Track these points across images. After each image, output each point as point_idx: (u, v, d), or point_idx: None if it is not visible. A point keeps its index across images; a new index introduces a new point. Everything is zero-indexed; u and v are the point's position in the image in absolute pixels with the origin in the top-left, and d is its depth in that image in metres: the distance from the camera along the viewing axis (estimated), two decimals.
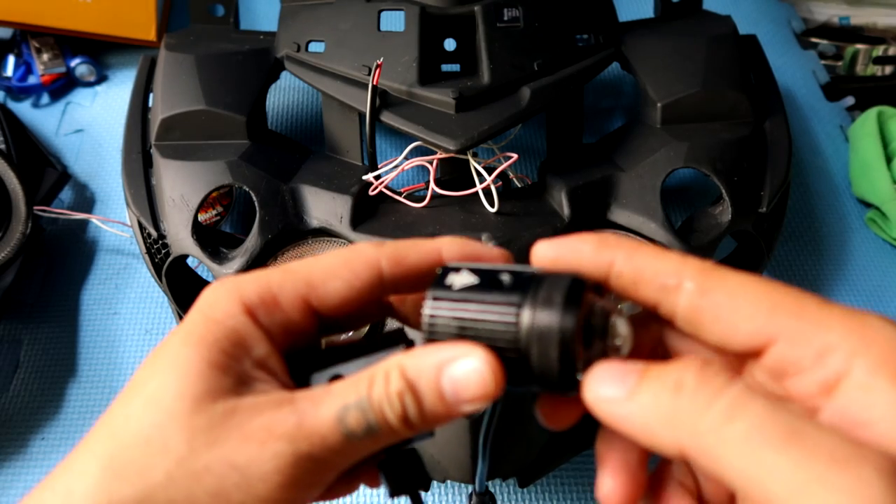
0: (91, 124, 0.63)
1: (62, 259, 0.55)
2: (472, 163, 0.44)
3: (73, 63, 0.64)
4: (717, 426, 0.17)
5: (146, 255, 0.46)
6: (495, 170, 0.44)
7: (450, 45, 0.49)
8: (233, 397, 0.21)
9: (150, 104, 0.52)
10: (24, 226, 0.48)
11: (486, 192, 0.44)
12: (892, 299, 0.54)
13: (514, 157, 0.44)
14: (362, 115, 0.46)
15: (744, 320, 0.20)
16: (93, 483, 0.20)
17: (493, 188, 0.43)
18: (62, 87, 0.65)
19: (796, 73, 0.67)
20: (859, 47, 0.71)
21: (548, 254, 0.22)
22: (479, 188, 0.43)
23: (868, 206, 0.59)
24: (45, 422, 0.48)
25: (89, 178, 0.60)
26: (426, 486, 0.25)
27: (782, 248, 0.56)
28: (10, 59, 0.64)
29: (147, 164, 0.48)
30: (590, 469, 0.46)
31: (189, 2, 0.54)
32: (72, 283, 0.54)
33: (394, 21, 0.47)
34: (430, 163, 0.45)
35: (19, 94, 0.64)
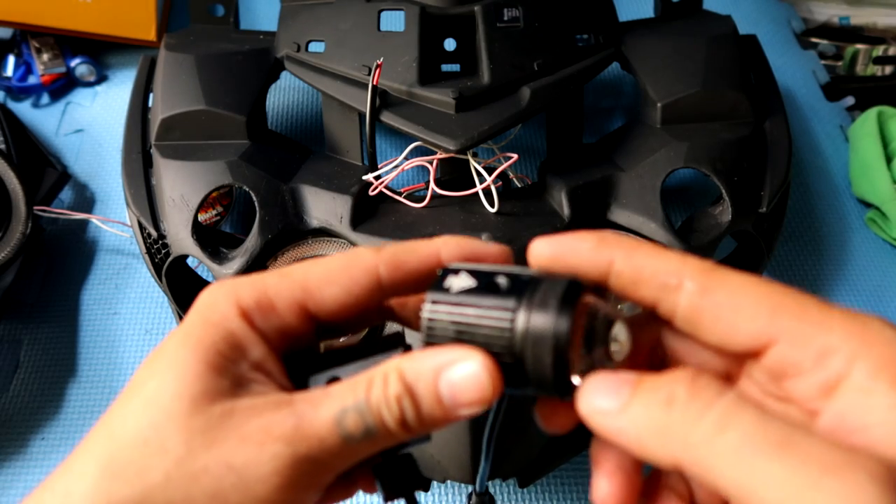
0: (91, 124, 0.63)
1: (62, 259, 0.55)
2: (472, 163, 0.44)
3: (73, 63, 0.64)
4: (708, 438, 0.17)
5: (146, 255, 0.46)
6: (495, 170, 0.44)
7: (450, 45, 0.49)
8: (230, 398, 0.21)
9: (150, 104, 0.52)
10: (24, 226, 0.48)
11: (486, 192, 0.44)
12: (892, 299, 0.54)
13: (514, 157, 0.44)
14: (362, 115, 0.46)
15: (745, 320, 0.20)
16: (91, 484, 0.20)
17: (493, 188, 0.43)
18: (62, 87, 0.65)
19: (796, 73, 0.67)
20: (859, 47, 0.71)
21: (545, 251, 0.22)
22: (479, 188, 0.43)
23: (868, 206, 0.59)
24: (45, 422, 0.48)
25: (89, 178, 0.60)
26: (426, 487, 0.25)
27: (782, 248, 0.56)
28: (10, 59, 0.64)
29: (147, 164, 0.48)
30: (589, 469, 0.45)
31: (189, 2, 0.54)
32: (72, 283, 0.54)
33: (394, 21, 0.47)
34: (430, 163, 0.45)
35: (19, 94, 0.64)
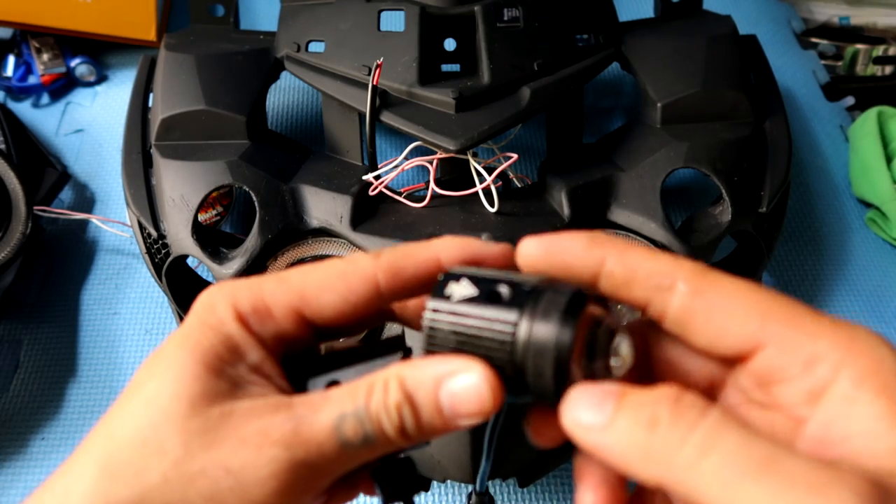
0: (91, 124, 0.63)
1: (62, 259, 0.55)
2: (472, 163, 0.44)
3: (73, 63, 0.64)
4: (693, 461, 0.17)
5: (146, 255, 0.46)
6: (495, 170, 0.44)
7: (450, 45, 0.49)
8: (228, 400, 0.21)
9: (150, 104, 0.52)
10: (24, 226, 0.48)
11: (486, 192, 0.44)
12: (892, 299, 0.54)
13: (514, 157, 0.44)
14: (362, 115, 0.46)
15: (736, 324, 0.20)
16: (90, 484, 0.20)
17: (493, 188, 0.43)
18: (62, 87, 0.65)
19: (796, 73, 0.67)
20: (859, 47, 0.71)
21: (535, 251, 0.22)
22: (479, 188, 0.43)
23: (868, 206, 0.59)
24: (45, 422, 0.48)
25: (89, 178, 0.60)
26: (426, 487, 0.25)
27: (782, 248, 0.56)
28: (10, 59, 0.64)
29: (147, 164, 0.48)
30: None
31: (189, 2, 0.54)
32: (72, 283, 0.54)
33: (394, 21, 0.47)
34: (430, 163, 0.45)
35: (19, 94, 0.64)
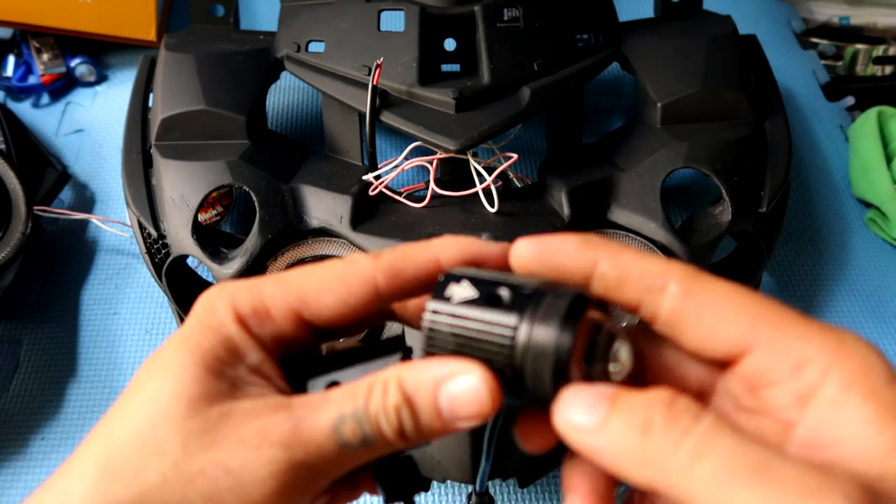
0: (91, 124, 0.63)
1: (62, 259, 0.55)
2: (472, 163, 0.44)
3: (73, 63, 0.64)
4: (686, 466, 0.17)
5: (146, 255, 0.46)
6: (495, 170, 0.44)
7: (450, 45, 0.49)
8: (228, 401, 0.21)
9: (150, 104, 0.52)
10: (24, 226, 0.48)
11: (486, 192, 0.44)
12: (892, 299, 0.54)
13: (514, 157, 0.44)
14: (362, 115, 0.46)
15: (725, 326, 0.20)
16: (90, 484, 0.20)
17: (493, 188, 0.43)
18: (62, 87, 0.65)
19: (796, 73, 0.67)
20: (859, 47, 0.71)
21: (528, 253, 0.22)
22: (479, 188, 0.43)
23: (868, 206, 0.59)
24: (45, 422, 0.48)
25: (89, 178, 0.60)
26: (426, 487, 0.25)
27: (782, 248, 0.56)
28: (10, 59, 0.64)
29: (147, 164, 0.48)
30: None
31: (189, 2, 0.54)
32: (72, 283, 0.54)
33: (394, 21, 0.47)
34: (430, 163, 0.45)
35: (19, 94, 0.64)
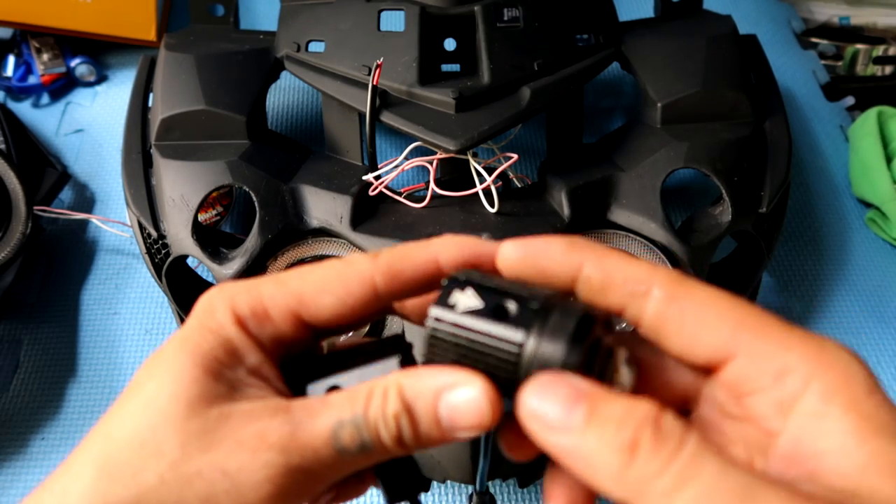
0: (91, 124, 0.63)
1: (62, 259, 0.55)
2: (472, 163, 0.44)
3: (73, 63, 0.64)
4: (668, 491, 0.17)
5: (146, 255, 0.46)
6: (495, 170, 0.44)
7: (450, 45, 0.49)
8: (227, 402, 0.21)
9: (150, 104, 0.52)
10: (24, 226, 0.48)
11: (486, 192, 0.44)
12: (892, 299, 0.54)
13: (514, 157, 0.44)
14: (362, 115, 0.46)
15: (707, 332, 0.20)
16: (88, 484, 0.20)
17: (493, 188, 0.43)
18: (62, 87, 0.65)
19: (796, 73, 0.67)
20: (859, 47, 0.71)
21: (514, 255, 0.22)
22: (479, 188, 0.43)
23: (868, 206, 0.59)
24: (45, 422, 0.48)
25: (89, 178, 0.60)
26: (426, 487, 0.25)
27: (782, 248, 0.56)
28: (10, 59, 0.64)
29: (147, 164, 0.48)
30: None
31: (189, 2, 0.54)
32: (72, 283, 0.54)
33: (394, 21, 0.47)
34: (430, 163, 0.45)
35: (19, 94, 0.64)
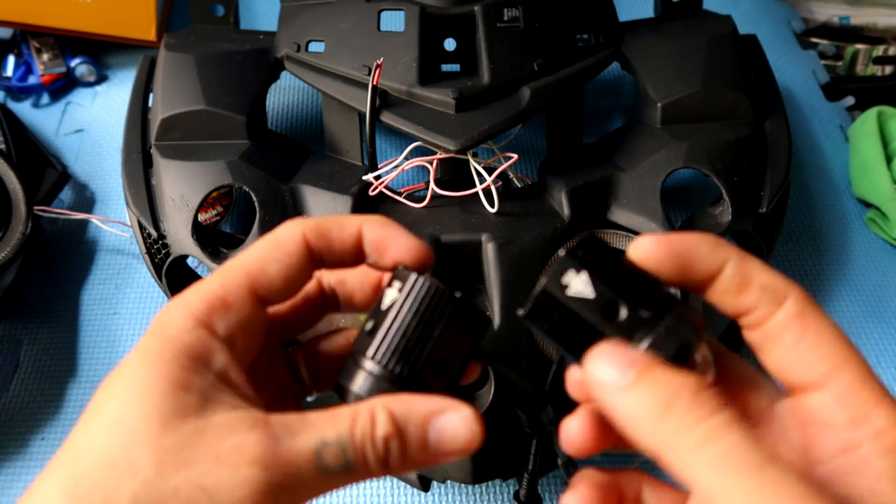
0: (91, 124, 0.63)
1: (62, 259, 0.55)
2: (472, 163, 0.44)
3: (73, 63, 0.64)
4: (692, 448, 0.19)
5: (146, 255, 0.46)
6: (495, 170, 0.44)
7: (450, 45, 0.49)
8: (200, 415, 0.20)
9: (150, 104, 0.52)
10: (24, 226, 0.48)
11: (486, 192, 0.44)
12: (892, 299, 0.54)
13: (514, 157, 0.44)
14: (362, 115, 0.46)
15: (817, 356, 0.22)
16: None
17: (493, 188, 0.43)
18: (62, 87, 0.65)
19: (796, 73, 0.67)
20: (859, 47, 0.71)
21: (655, 249, 0.22)
22: (479, 188, 0.43)
23: (868, 206, 0.59)
24: (45, 422, 0.48)
25: (89, 178, 0.60)
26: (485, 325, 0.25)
27: (782, 248, 0.56)
28: (10, 59, 0.64)
29: (147, 164, 0.48)
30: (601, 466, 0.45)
31: (189, 2, 0.54)
32: (72, 283, 0.54)
33: (394, 21, 0.47)
34: (430, 163, 0.45)
35: (19, 94, 0.64)
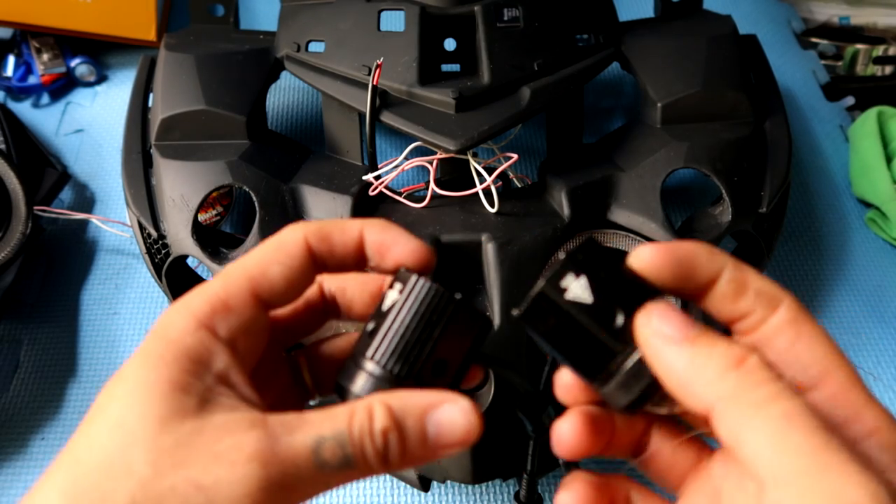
0: (91, 124, 0.63)
1: (62, 259, 0.55)
2: (472, 163, 0.44)
3: (73, 63, 0.64)
4: (757, 404, 0.19)
5: (146, 255, 0.46)
6: (495, 170, 0.44)
7: (450, 45, 0.49)
8: (199, 415, 0.20)
9: (150, 104, 0.52)
10: (24, 226, 0.48)
11: (486, 192, 0.44)
12: (892, 299, 0.54)
13: (514, 157, 0.44)
14: (362, 115, 0.46)
15: (810, 360, 0.21)
16: None
17: (493, 188, 0.43)
18: (62, 87, 0.65)
19: (796, 73, 0.67)
20: (859, 47, 0.71)
21: (655, 257, 0.22)
22: (479, 188, 0.43)
23: (868, 206, 0.59)
24: (45, 422, 0.48)
25: (89, 178, 0.60)
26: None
27: (782, 248, 0.56)
28: (10, 59, 0.64)
29: (147, 164, 0.48)
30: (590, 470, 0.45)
31: (189, 2, 0.54)
32: (72, 283, 0.54)
33: (394, 21, 0.47)
34: (430, 163, 0.45)
35: (19, 94, 0.64)
